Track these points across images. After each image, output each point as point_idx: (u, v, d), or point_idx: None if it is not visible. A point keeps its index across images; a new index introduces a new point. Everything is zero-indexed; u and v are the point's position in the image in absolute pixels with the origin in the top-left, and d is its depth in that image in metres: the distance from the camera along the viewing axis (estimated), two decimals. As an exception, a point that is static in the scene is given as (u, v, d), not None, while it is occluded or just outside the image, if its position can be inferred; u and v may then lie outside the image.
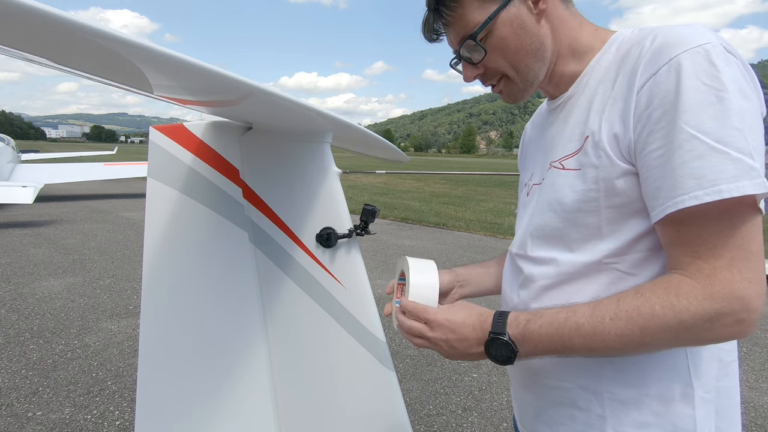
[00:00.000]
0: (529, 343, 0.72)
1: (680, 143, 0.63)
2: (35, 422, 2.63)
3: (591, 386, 0.78)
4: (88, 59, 0.54)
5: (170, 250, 0.97)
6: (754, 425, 2.82)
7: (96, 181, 12.39)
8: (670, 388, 0.74)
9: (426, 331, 0.80)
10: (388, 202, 12.65)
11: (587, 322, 0.68)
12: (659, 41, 0.69)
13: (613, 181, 0.72)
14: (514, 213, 1.06)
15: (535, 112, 1.08)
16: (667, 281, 0.66)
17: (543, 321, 0.71)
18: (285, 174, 0.99)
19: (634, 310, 0.65)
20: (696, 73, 0.64)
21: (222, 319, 0.99)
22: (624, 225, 0.74)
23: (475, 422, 2.83)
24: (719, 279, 0.62)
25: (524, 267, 0.88)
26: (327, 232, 0.99)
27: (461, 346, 0.77)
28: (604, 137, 0.73)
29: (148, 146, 0.97)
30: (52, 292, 4.80)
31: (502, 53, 0.80)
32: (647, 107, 0.67)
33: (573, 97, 0.84)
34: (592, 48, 0.82)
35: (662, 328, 0.63)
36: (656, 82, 0.67)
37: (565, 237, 0.80)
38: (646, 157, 0.68)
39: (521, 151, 1.10)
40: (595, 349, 0.68)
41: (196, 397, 0.99)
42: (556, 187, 0.81)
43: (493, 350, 0.74)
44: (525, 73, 0.82)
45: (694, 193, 0.62)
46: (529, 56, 0.80)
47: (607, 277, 0.76)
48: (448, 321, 0.79)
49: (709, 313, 0.62)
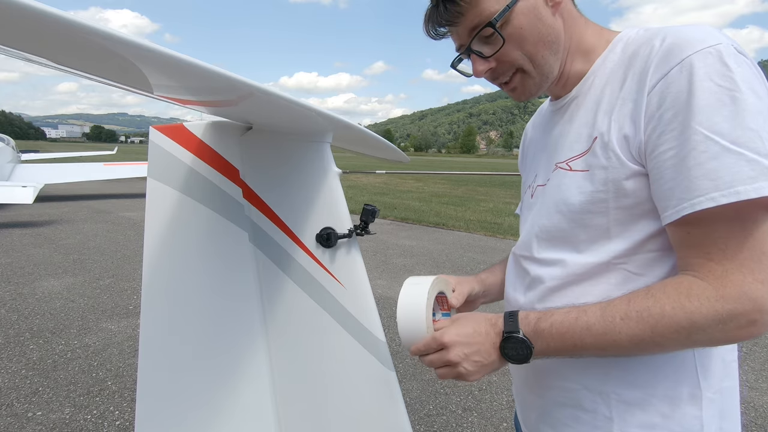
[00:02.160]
0: (541, 341, 0.71)
1: (694, 145, 0.63)
2: (35, 422, 2.63)
3: (597, 387, 0.78)
4: (88, 59, 0.54)
5: (170, 250, 0.97)
6: (754, 425, 2.82)
7: (96, 181, 12.39)
8: (678, 389, 0.74)
9: (445, 356, 0.77)
10: (388, 202, 12.64)
11: (597, 322, 0.67)
12: (669, 42, 0.68)
13: (623, 182, 0.72)
14: (515, 213, 1.06)
15: (535, 113, 1.07)
16: (678, 282, 0.66)
17: (554, 320, 0.71)
18: (285, 174, 0.99)
19: (644, 311, 0.65)
20: (708, 73, 0.63)
21: (222, 319, 0.99)
22: (633, 226, 0.73)
23: (475, 422, 2.83)
24: (731, 280, 0.62)
25: (530, 268, 0.87)
26: (327, 232, 0.99)
27: (479, 358, 0.76)
28: (613, 138, 0.72)
29: (148, 146, 0.97)
30: (52, 292, 4.80)
31: (519, 44, 0.78)
32: (659, 108, 0.67)
33: (578, 97, 0.83)
34: (596, 47, 0.82)
35: (674, 328, 0.63)
36: (668, 83, 0.66)
37: (573, 238, 0.79)
38: (657, 158, 0.67)
39: (522, 152, 1.09)
40: (607, 349, 0.68)
41: (196, 398, 0.99)
42: (562, 188, 0.80)
43: (509, 349, 0.73)
44: (542, 65, 0.80)
45: (711, 195, 0.61)
46: (546, 48, 0.78)
47: (616, 278, 0.75)
48: (459, 335, 0.77)
49: (721, 314, 0.61)
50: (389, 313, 4.38)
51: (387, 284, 5.36)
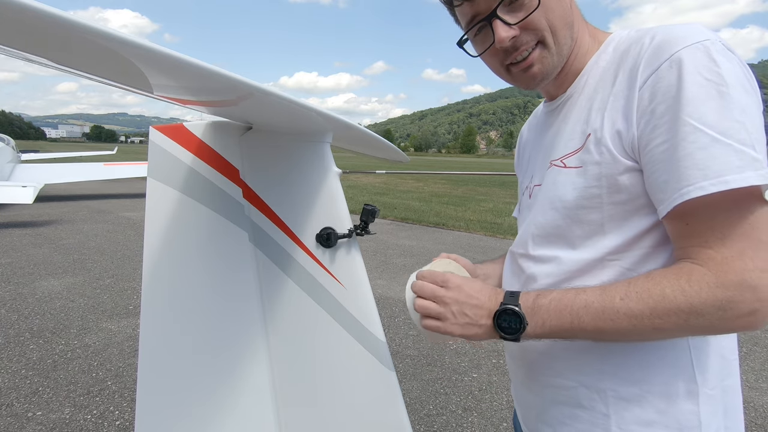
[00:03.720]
0: (537, 317, 0.71)
1: (684, 135, 0.64)
2: (35, 422, 2.63)
3: (593, 384, 0.78)
4: (87, 59, 0.54)
5: (170, 250, 0.97)
6: (754, 425, 2.82)
7: (96, 181, 12.39)
8: (674, 384, 0.74)
9: (439, 291, 0.77)
10: (388, 202, 12.64)
11: (597, 300, 0.68)
12: (659, 39, 0.70)
13: (616, 178, 0.73)
14: (513, 215, 1.07)
15: (531, 115, 1.08)
16: (679, 267, 0.66)
17: (552, 296, 0.72)
18: (285, 174, 0.99)
19: (644, 292, 0.65)
20: (697, 68, 0.65)
21: (222, 319, 0.99)
22: (627, 221, 0.74)
23: (475, 422, 2.83)
24: (731, 267, 0.62)
25: (526, 266, 0.88)
26: (327, 232, 0.99)
27: (472, 313, 0.75)
28: (606, 134, 0.73)
29: (148, 146, 0.97)
30: (52, 292, 4.80)
31: (547, 13, 0.77)
32: (650, 102, 0.68)
33: (572, 97, 0.84)
34: (588, 47, 0.84)
35: (673, 311, 0.63)
36: (658, 78, 0.68)
37: (567, 234, 0.80)
38: (651, 152, 0.68)
39: (518, 154, 1.10)
40: (605, 329, 0.68)
41: (196, 397, 0.99)
42: (557, 185, 0.81)
43: (502, 320, 0.73)
44: (561, 43, 0.79)
45: (700, 184, 0.62)
46: (567, 28, 0.80)
47: (610, 274, 0.76)
48: (466, 284, 0.77)
49: (721, 300, 0.62)
50: (389, 313, 4.39)
51: (387, 284, 5.36)
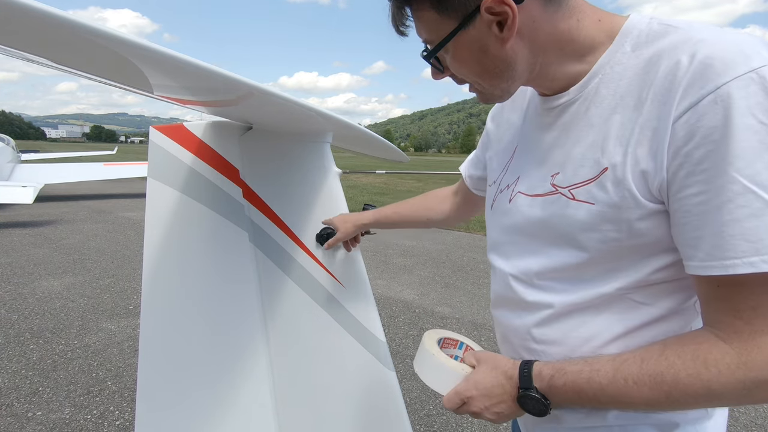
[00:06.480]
0: (556, 397, 0.68)
1: (731, 196, 0.54)
2: (35, 422, 2.63)
3: None
4: (88, 59, 0.54)
5: (170, 250, 0.97)
6: (754, 425, 2.82)
7: (96, 181, 12.38)
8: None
9: (467, 409, 0.75)
10: (388, 202, 12.60)
11: (610, 384, 0.63)
12: (701, 59, 0.56)
13: (637, 223, 0.64)
14: (467, 183, 1.09)
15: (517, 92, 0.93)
16: (697, 345, 0.60)
17: (567, 379, 0.67)
18: (285, 174, 0.99)
19: (658, 376, 0.60)
20: (750, 107, 0.52)
21: (222, 319, 0.99)
22: (644, 261, 0.67)
23: (475, 422, 2.83)
24: (758, 344, 0.55)
25: (527, 293, 0.80)
26: (327, 232, 0.99)
27: (499, 409, 0.73)
28: (629, 174, 0.63)
29: (148, 146, 0.97)
30: (52, 292, 4.80)
31: (462, 72, 0.72)
32: (686, 143, 0.57)
33: (577, 102, 0.72)
34: (594, 42, 0.69)
35: (690, 396, 0.59)
36: (698, 115, 0.55)
37: (579, 273, 0.73)
38: (683, 201, 0.59)
39: (492, 131, 0.97)
40: (626, 408, 0.66)
41: (196, 397, 0.99)
42: (567, 219, 0.72)
43: (527, 405, 0.70)
44: (492, 88, 0.73)
45: (750, 260, 0.54)
46: (494, 77, 0.71)
47: (620, 306, 0.71)
48: (478, 389, 0.74)
49: (743, 382, 0.56)
50: (389, 313, 4.38)
51: (387, 284, 5.36)
